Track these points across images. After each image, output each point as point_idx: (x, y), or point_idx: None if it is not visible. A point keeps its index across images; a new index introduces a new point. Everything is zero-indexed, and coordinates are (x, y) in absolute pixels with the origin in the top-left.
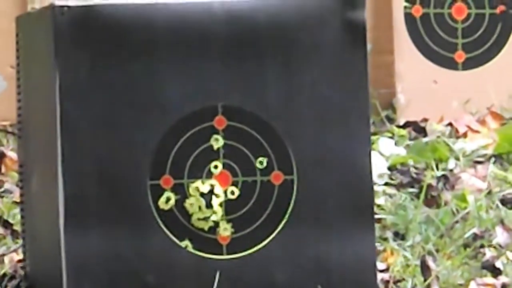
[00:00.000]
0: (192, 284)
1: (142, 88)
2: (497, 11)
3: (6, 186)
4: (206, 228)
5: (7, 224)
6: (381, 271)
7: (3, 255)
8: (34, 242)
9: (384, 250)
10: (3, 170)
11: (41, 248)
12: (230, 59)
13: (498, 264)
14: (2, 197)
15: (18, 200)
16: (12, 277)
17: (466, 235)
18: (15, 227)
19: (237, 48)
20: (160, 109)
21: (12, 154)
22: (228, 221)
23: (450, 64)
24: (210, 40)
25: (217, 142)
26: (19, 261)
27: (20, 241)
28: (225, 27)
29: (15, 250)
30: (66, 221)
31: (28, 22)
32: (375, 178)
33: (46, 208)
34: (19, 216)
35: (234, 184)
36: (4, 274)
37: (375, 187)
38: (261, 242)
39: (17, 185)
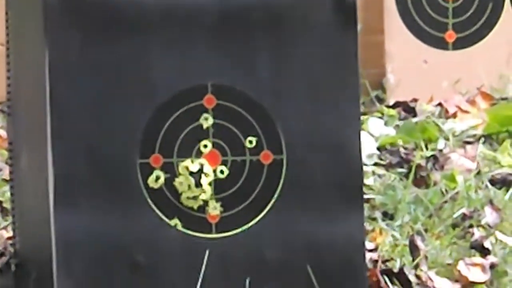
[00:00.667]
0: (181, 262)
1: (132, 66)
2: None
3: None
4: (195, 207)
5: None
6: (370, 250)
7: None
8: (24, 220)
9: (373, 230)
10: None
11: (30, 226)
12: (220, 38)
13: (487, 244)
14: None
15: (7, 178)
16: (2, 254)
17: (455, 215)
18: (5, 205)
19: (227, 27)
20: (150, 88)
21: (1, 132)
22: (217, 200)
23: (441, 44)
24: (200, 19)
25: (207, 121)
26: (9, 238)
27: (10, 219)
28: (215, 6)
29: (4, 228)
30: (56, 199)
31: (18, 0)
32: (364, 158)
33: (36, 186)
34: (8, 194)
35: (224, 163)
36: None
37: (364, 167)
38: (250, 221)
39: (6, 163)
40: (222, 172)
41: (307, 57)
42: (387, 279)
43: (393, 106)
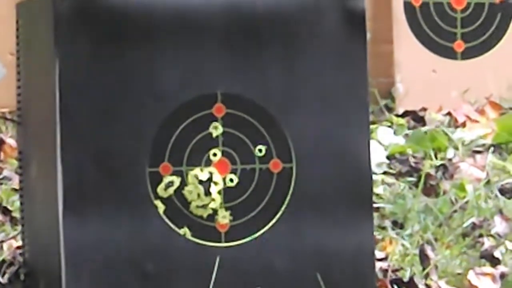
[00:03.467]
0: (191, 271)
1: (141, 75)
2: (497, 0)
3: (5, 173)
4: (204, 216)
5: (6, 211)
6: (380, 259)
7: (2, 241)
8: (33, 229)
9: (383, 239)
10: (2, 157)
11: (40, 235)
12: (229, 47)
13: (497, 253)
14: (1, 184)
15: (17, 187)
16: (11, 264)
17: (465, 225)
18: (14, 214)
19: (236, 36)
20: (159, 96)
21: (11, 141)
22: (227, 208)
23: (449, 54)
24: (210, 28)
25: (216, 129)
26: (18, 247)
27: (19, 228)
28: (224, 15)
29: (14, 237)
30: (65, 208)
31: (29, 9)
32: (373, 167)
33: (45, 195)
34: (18, 203)
35: (233, 171)
36: (3, 261)
37: (374, 176)
38: (260, 230)
39: (16, 172)
40: (231, 180)
41: (316, 66)
42: None
43: (402, 115)
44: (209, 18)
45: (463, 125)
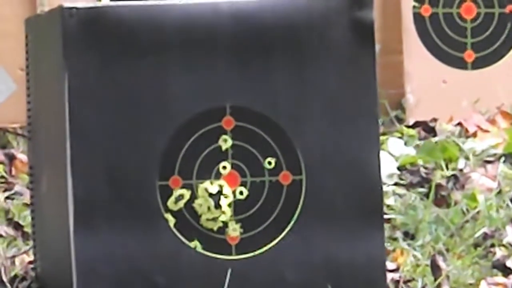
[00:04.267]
0: (201, 284)
1: (151, 89)
2: (507, 10)
3: (17, 188)
4: (215, 229)
5: (17, 226)
6: (391, 271)
7: (14, 256)
8: (45, 244)
9: (394, 250)
10: (13, 172)
11: (51, 250)
12: (238, 60)
13: (509, 263)
14: (13, 199)
15: (28, 202)
16: (23, 279)
17: (477, 235)
18: (25, 229)
19: (245, 48)
20: (169, 110)
21: (22, 156)
22: (237, 221)
23: (460, 64)
24: (218, 40)
25: (226, 142)
26: (30, 262)
27: (31, 243)
28: (233, 27)
29: (25, 252)
30: (76, 222)
31: (38, 25)
32: (384, 178)
33: (56, 209)
34: (29, 218)
35: (243, 184)
36: (15, 276)
37: (385, 187)
38: (270, 242)
39: (27, 187)
40: (241, 193)
41: (325, 77)
42: None
43: (413, 126)
44: (218, 31)
45: (474, 135)
